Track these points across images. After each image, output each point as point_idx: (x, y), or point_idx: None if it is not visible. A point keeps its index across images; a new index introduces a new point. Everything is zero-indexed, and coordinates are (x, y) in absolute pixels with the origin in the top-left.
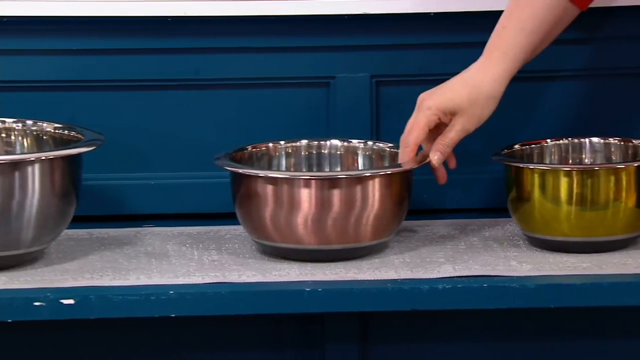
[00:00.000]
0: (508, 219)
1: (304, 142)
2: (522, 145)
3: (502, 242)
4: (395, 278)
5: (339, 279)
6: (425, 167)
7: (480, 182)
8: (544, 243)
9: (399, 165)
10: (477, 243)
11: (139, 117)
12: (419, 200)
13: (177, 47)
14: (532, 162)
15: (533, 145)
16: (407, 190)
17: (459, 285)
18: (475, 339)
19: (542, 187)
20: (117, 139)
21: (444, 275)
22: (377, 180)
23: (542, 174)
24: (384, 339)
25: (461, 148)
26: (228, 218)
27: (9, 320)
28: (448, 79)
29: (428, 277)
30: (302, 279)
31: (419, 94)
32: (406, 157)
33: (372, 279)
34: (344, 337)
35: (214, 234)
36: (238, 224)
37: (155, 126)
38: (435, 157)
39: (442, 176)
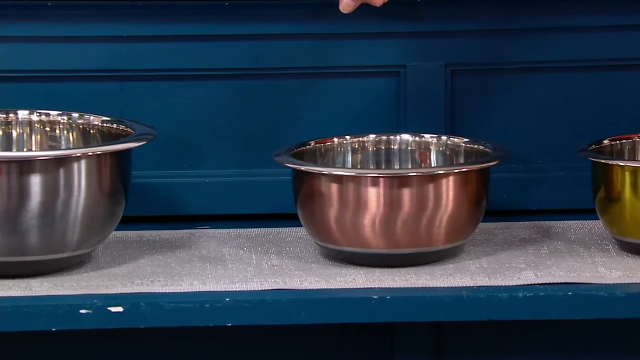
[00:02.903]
0: (596, 221)
1: (372, 136)
2: (611, 141)
3: (589, 247)
4: (471, 285)
5: (409, 285)
6: (504, 165)
7: (565, 181)
8: (635, 247)
9: (476, 162)
10: (561, 247)
11: (193, 109)
12: (498, 200)
13: (235, 34)
14: (622, 159)
15: (624, 140)
16: (484, 190)
17: (541, 294)
18: (558, 352)
19: (634, 186)
20: (170, 133)
21: (525, 283)
22: (451, 178)
23: (634, 171)
24: (459, 351)
25: (544, 143)
26: (289, 219)
27: (53, 329)
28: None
29: (507, 284)
30: (369, 286)
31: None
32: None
33: (446, 286)
34: (415, 349)
35: (274, 237)
36: (300, 225)
37: (211, 119)
38: None
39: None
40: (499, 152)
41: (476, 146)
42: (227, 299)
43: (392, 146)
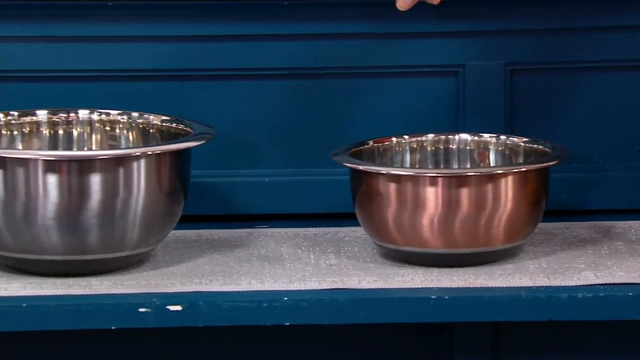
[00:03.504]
0: None
1: (430, 136)
2: None
3: None
4: (530, 285)
5: (467, 285)
6: (564, 164)
7: (625, 181)
8: None
9: (535, 162)
10: (622, 248)
11: (252, 109)
12: (558, 200)
13: (294, 33)
14: None
15: None
16: (543, 189)
17: (601, 294)
18: (618, 352)
19: None
20: (229, 133)
21: (585, 283)
22: (510, 178)
23: None
24: (518, 351)
25: (604, 142)
26: (347, 219)
27: (113, 328)
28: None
29: (567, 284)
30: (427, 286)
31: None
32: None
33: (504, 286)
34: (474, 349)
35: (332, 236)
36: (358, 225)
37: (270, 119)
38: None
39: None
40: (559, 151)
41: (535, 146)
42: (285, 298)
43: (450, 146)
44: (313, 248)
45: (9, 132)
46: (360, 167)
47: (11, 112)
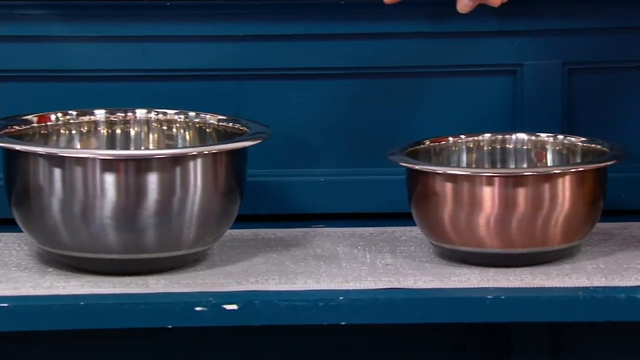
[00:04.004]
0: None
1: (487, 135)
2: None
3: None
4: (588, 286)
5: (524, 286)
6: (623, 164)
7: None
8: None
9: (593, 162)
10: None
11: (308, 108)
12: (616, 199)
13: (351, 33)
14: None
15: None
16: (601, 189)
17: None
18: None
19: None
20: (285, 132)
21: None
22: (567, 177)
23: None
24: (577, 352)
25: None
26: (403, 218)
27: (169, 326)
28: None
29: (625, 285)
30: (483, 286)
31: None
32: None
33: (562, 286)
34: (533, 350)
35: (388, 236)
36: (414, 224)
37: (326, 118)
38: None
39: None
40: (617, 151)
41: (593, 145)
42: (341, 298)
43: (507, 145)
44: (369, 247)
45: (67, 132)
46: (417, 167)
47: (69, 112)
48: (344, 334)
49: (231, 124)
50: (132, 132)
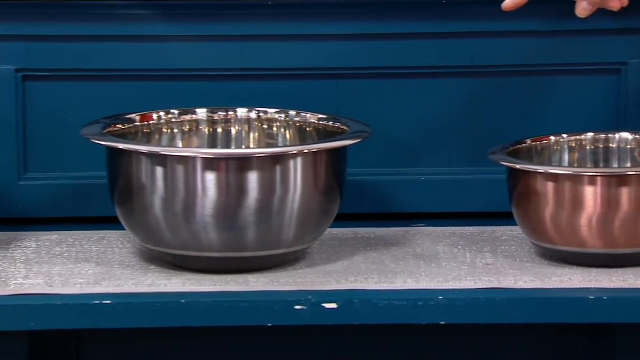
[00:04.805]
0: None
1: (590, 135)
2: None
3: None
4: None
5: (627, 286)
6: None
7: None
8: None
9: None
10: None
11: (409, 107)
12: None
13: (451, 32)
14: None
15: None
16: None
17: None
18: None
19: None
20: (385, 131)
21: None
22: None
23: None
24: None
25: None
26: (504, 218)
27: (269, 325)
28: None
29: None
30: (585, 286)
31: None
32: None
33: None
34: (637, 351)
35: (489, 235)
36: (515, 224)
37: (426, 117)
38: None
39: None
40: None
41: None
42: (441, 297)
43: (610, 145)
44: (469, 247)
45: (169, 131)
46: (518, 166)
47: (172, 111)
48: (442, 333)
49: (331, 122)
50: (233, 131)
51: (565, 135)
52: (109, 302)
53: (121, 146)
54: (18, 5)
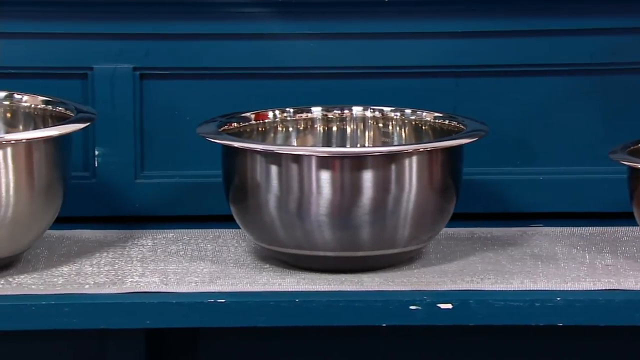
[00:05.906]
0: None
1: None
2: None
3: None
4: None
5: None
6: None
7: None
8: None
9: None
10: None
11: (527, 105)
12: None
13: (571, 29)
14: None
15: None
16: None
17: None
18: None
19: None
20: (502, 130)
21: None
22: None
23: None
24: None
25: None
26: (625, 218)
27: (384, 325)
28: None
29: None
30: None
31: None
32: None
33: None
34: None
35: (609, 236)
36: (636, 224)
37: (545, 115)
38: None
39: None
40: None
41: None
42: (558, 299)
43: None
44: (589, 248)
45: (284, 129)
46: (638, 166)
47: (287, 109)
48: (559, 334)
49: (447, 121)
50: (348, 130)
51: None
52: (223, 300)
53: (236, 144)
54: (136, 3)
